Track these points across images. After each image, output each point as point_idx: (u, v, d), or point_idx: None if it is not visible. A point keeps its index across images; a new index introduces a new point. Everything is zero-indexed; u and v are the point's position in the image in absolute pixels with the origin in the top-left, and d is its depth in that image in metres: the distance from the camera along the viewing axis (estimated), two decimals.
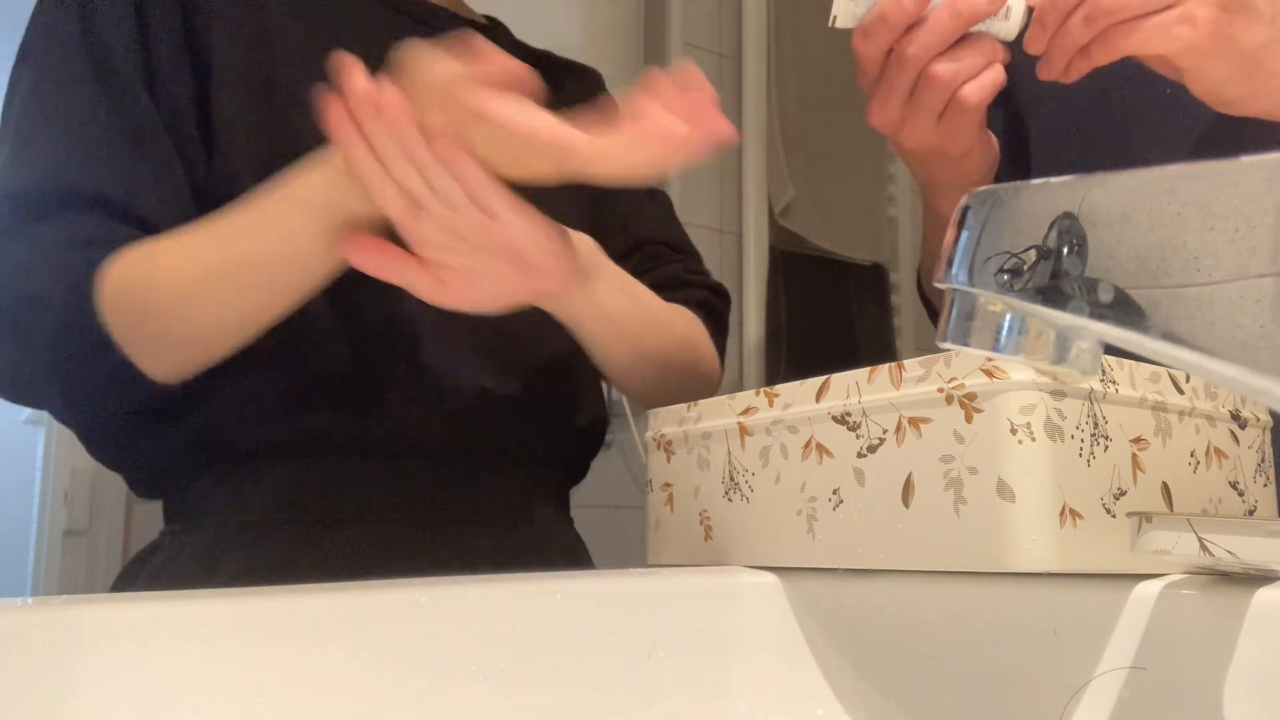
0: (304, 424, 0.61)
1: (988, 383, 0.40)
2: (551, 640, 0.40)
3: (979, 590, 0.40)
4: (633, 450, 1.54)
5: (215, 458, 0.62)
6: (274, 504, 0.61)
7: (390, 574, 0.40)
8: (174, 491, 0.65)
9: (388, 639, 0.36)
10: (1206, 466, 0.45)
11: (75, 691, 0.30)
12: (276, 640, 0.34)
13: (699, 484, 0.54)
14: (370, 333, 0.63)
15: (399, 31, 0.70)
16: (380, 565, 0.58)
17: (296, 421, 0.61)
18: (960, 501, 0.40)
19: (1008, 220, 0.28)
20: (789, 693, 0.45)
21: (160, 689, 0.31)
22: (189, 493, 0.63)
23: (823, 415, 0.47)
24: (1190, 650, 0.33)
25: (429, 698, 0.36)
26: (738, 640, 0.46)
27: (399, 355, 0.64)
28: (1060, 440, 0.39)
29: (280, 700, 0.33)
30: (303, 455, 0.61)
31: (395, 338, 0.63)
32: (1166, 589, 0.35)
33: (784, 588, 0.48)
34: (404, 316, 0.64)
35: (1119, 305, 0.26)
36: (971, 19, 0.56)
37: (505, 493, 0.68)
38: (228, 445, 0.61)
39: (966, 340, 0.29)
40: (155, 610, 0.32)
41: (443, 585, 0.39)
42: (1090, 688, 0.35)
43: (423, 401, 0.64)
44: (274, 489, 0.61)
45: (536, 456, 0.70)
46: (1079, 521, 0.39)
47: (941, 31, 0.56)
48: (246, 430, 0.61)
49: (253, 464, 0.61)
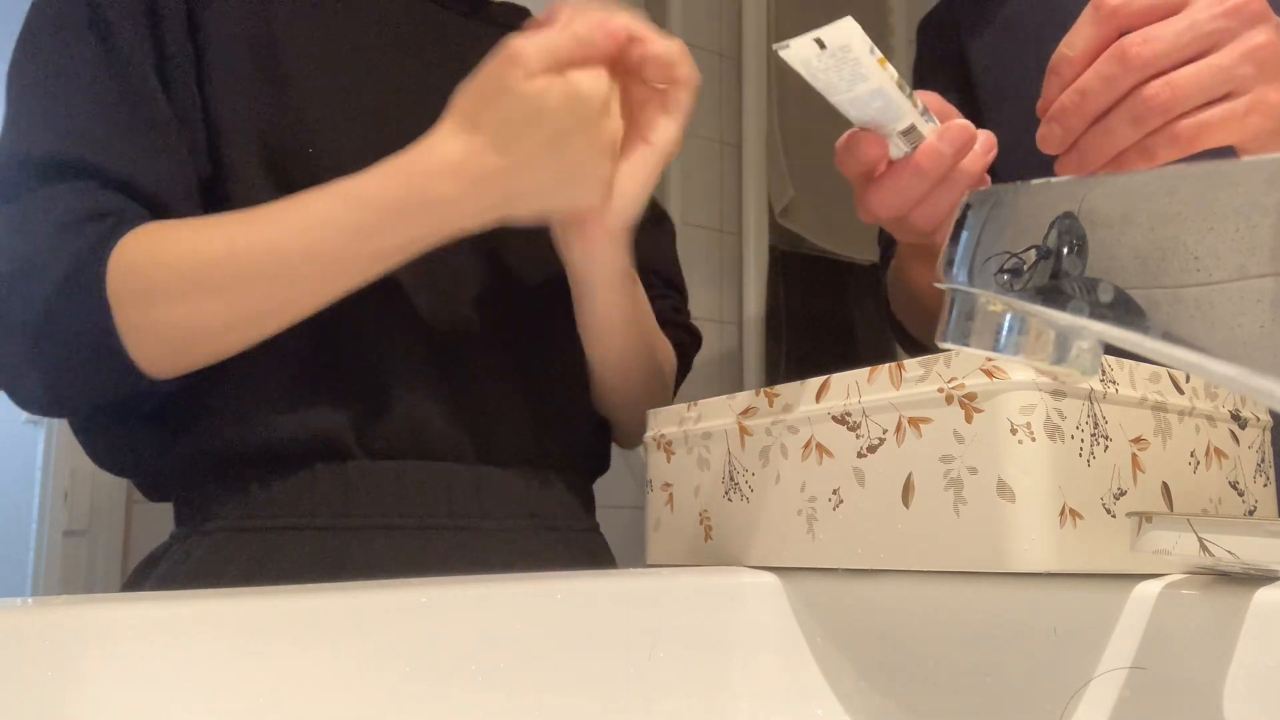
0: (316, 427, 0.60)
1: (988, 383, 0.40)
2: (552, 640, 0.40)
3: (979, 590, 0.40)
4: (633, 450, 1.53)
5: (225, 462, 0.61)
6: (285, 509, 0.60)
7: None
8: (183, 495, 0.64)
9: (388, 639, 0.36)
10: (1206, 466, 0.45)
11: (75, 691, 0.30)
12: (277, 640, 0.34)
13: (699, 484, 0.54)
14: (383, 335, 0.62)
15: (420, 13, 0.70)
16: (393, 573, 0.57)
17: (308, 425, 0.60)
18: (960, 501, 0.40)
19: (1008, 220, 0.28)
20: (789, 693, 0.45)
21: (160, 689, 0.31)
22: (199, 497, 0.62)
23: (823, 415, 0.47)
24: (1190, 650, 0.33)
25: (429, 698, 0.36)
26: (738, 640, 0.46)
27: (412, 357, 0.63)
28: (1060, 440, 0.39)
29: (280, 700, 0.33)
30: (314, 460, 0.60)
31: (409, 340, 0.63)
32: (1166, 589, 0.35)
33: (784, 588, 0.48)
34: (418, 318, 0.63)
35: (1119, 305, 0.26)
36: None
37: (521, 498, 0.67)
38: (237, 449, 0.60)
39: (966, 340, 0.29)
40: (156, 610, 0.32)
41: (443, 585, 0.39)
42: (1090, 688, 0.36)
43: (437, 404, 0.63)
44: (285, 494, 0.60)
45: (551, 460, 0.69)
46: (1079, 521, 0.39)
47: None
48: (257, 434, 0.60)
49: (263, 468, 0.60)
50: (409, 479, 0.62)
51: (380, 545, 0.60)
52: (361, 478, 0.61)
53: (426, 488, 0.62)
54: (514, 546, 0.64)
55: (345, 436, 0.61)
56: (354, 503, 0.61)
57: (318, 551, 0.59)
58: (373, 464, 0.61)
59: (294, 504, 0.60)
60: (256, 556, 0.59)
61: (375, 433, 0.61)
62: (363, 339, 0.61)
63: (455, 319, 0.63)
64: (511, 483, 0.66)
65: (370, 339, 0.62)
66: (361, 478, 0.61)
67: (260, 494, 0.60)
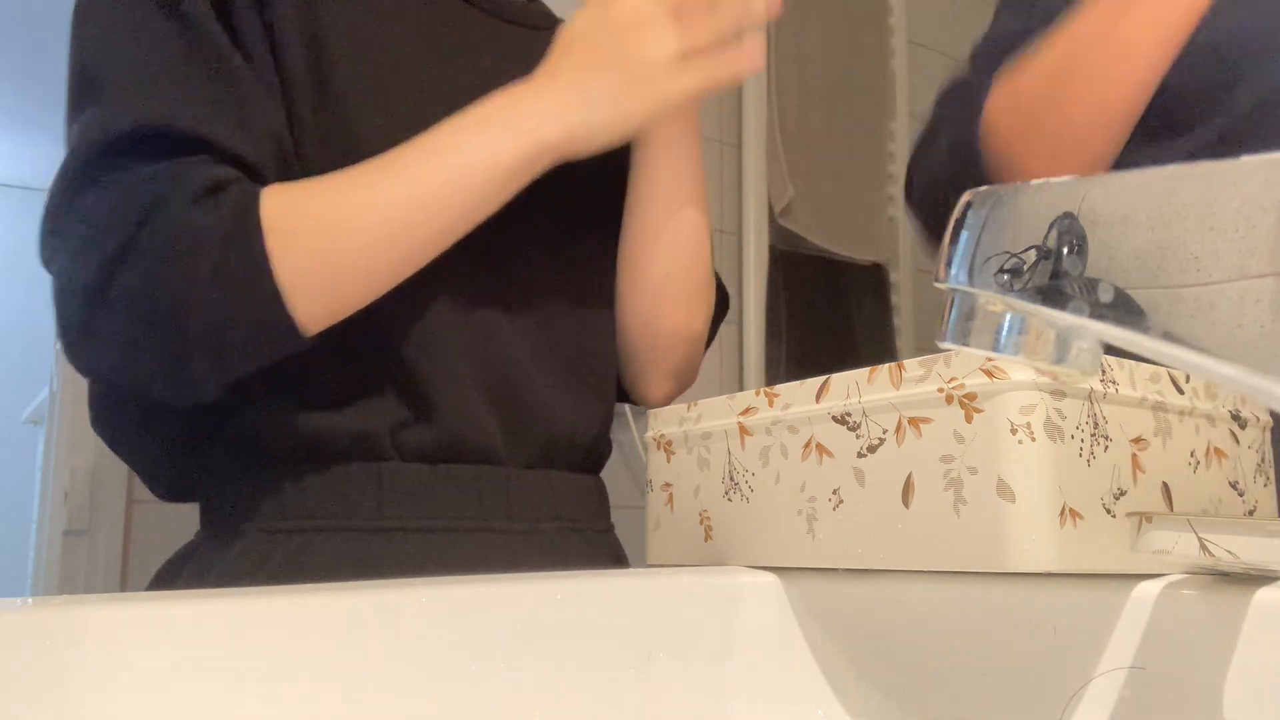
0: (352, 428, 0.60)
1: (988, 383, 0.40)
2: (552, 640, 0.40)
3: (979, 590, 0.40)
4: (633, 450, 1.54)
5: (260, 462, 0.61)
6: (319, 510, 0.60)
7: None
8: (214, 495, 0.63)
9: (388, 639, 0.36)
10: (1206, 466, 0.45)
11: (75, 691, 0.30)
12: (277, 640, 0.34)
13: (699, 484, 0.54)
14: (419, 338, 0.62)
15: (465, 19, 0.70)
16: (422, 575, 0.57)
17: (345, 426, 0.60)
18: (960, 501, 0.40)
19: (1008, 220, 0.28)
20: (789, 693, 0.45)
21: (160, 689, 0.31)
22: (230, 496, 0.62)
23: (823, 415, 0.47)
24: (1190, 650, 0.33)
25: (430, 697, 0.36)
26: (738, 640, 0.46)
27: (448, 360, 0.63)
28: (1060, 440, 0.39)
29: (280, 700, 0.33)
30: (349, 460, 0.60)
31: (445, 343, 0.63)
32: (1166, 589, 0.35)
33: (784, 588, 0.48)
34: (455, 322, 0.63)
35: (1119, 305, 0.26)
36: None
37: (548, 500, 0.67)
38: (272, 448, 0.60)
39: (966, 340, 0.29)
40: (156, 610, 0.32)
41: (443, 585, 0.39)
42: (1090, 688, 0.36)
43: (471, 407, 0.63)
44: (319, 495, 0.60)
45: (575, 463, 0.69)
46: (1079, 521, 0.39)
47: None
48: (294, 434, 0.60)
49: (299, 469, 0.60)
50: (440, 481, 0.62)
51: (410, 547, 0.60)
52: (394, 479, 0.61)
53: (457, 490, 0.62)
54: (541, 548, 0.65)
55: (381, 438, 0.60)
56: (387, 505, 0.60)
57: (350, 553, 0.59)
58: (405, 466, 0.61)
59: (328, 505, 0.60)
60: (290, 558, 0.58)
61: (410, 435, 0.61)
62: (398, 342, 0.61)
63: (490, 323, 0.63)
64: (538, 485, 0.66)
65: (406, 342, 0.61)
66: (394, 479, 0.61)
67: (294, 495, 0.60)
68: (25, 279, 3.97)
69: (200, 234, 0.52)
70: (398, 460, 0.61)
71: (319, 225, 0.55)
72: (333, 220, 0.56)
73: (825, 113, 1.97)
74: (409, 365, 0.61)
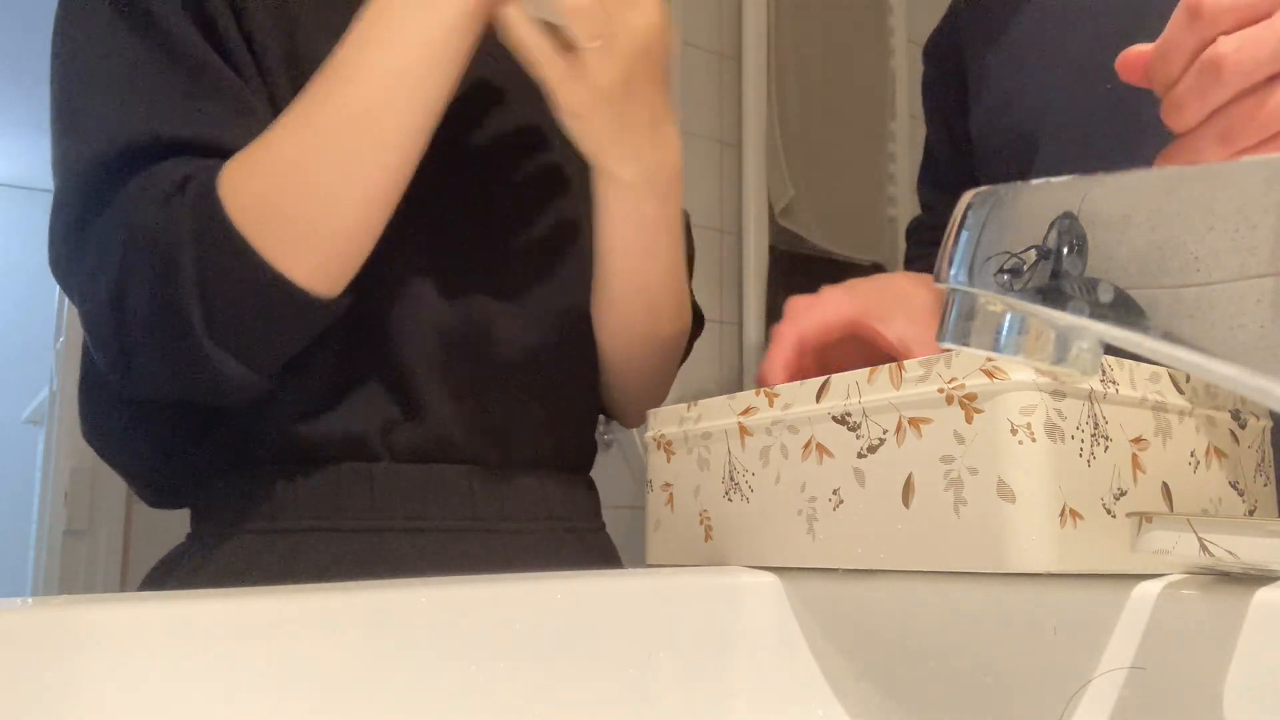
0: (345, 429, 0.60)
1: (988, 383, 0.40)
2: (551, 640, 0.40)
3: (979, 590, 0.40)
4: (633, 450, 1.54)
5: (252, 463, 0.61)
6: (311, 511, 0.60)
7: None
8: (206, 497, 0.63)
9: (387, 640, 0.36)
10: (1206, 466, 0.45)
11: (75, 691, 0.30)
12: (276, 640, 0.34)
13: (699, 484, 0.54)
14: (411, 339, 0.62)
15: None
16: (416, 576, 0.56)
17: (337, 426, 0.60)
18: (960, 502, 0.40)
19: (1008, 220, 0.28)
20: (789, 693, 0.45)
21: (160, 689, 0.31)
22: (222, 498, 0.62)
23: (823, 415, 0.47)
24: (1190, 650, 0.33)
25: (429, 698, 0.36)
26: (738, 640, 0.46)
27: (439, 362, 0.63)
28: (1060, 440, 0.39)
29: (280, 700, 0.33)
30: (341, 461, 0.60)
31: (436, 344, 0.63)
32: (1166, 589, 0.35)
33: (784, 588, 0.48)
34: (441, 321, 0.63)
35: (1119, 305, 0.26)
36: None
37: (541, 500, 0.67)
38: (263, 450, 0.60)
39: (966, 340, 0.29)
40: (156, 610, 0.32)
41: (443, 586, 0.39)
42: (1090, 688, 0.36)
43: (462, 408, 0.63)
44: (311, 496, 0.60)
45: (567, 462, 0.70)
46: (1079, 522, 0.39)
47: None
48: (286, 435, 0.60)
49: (291, 470, 0.60)
50: (433, 481, 0.62)
51: (404, 548, 0.60)
52: (387, 480, 0.61)
53: (450, 490, 0.63)
54: (534, 548, 0.65)
55: (373, 438, 0.61)
56: (379, 505, 0.60)
57: (343, 554, 0.59)
58: (398, 466, 0.61)
59: (320, 506, 0.60)
60: (283, 558, 0.58)
61: (401, 435, 0.61)
62: (389, 342, 0.61)
63: (480, 324, 0.62)
64: (531, 485, 0.66)
65: (398, 343, 0.61)
66: (387, 480, 0.61)
67: (287, 496, 0.60)
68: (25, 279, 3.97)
69: (170, 234, 0.52)
70: (389, 460, 0.61)
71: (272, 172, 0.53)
72: (284, 159, 0.53)
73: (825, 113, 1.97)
74: (399, 365, 0.61)
